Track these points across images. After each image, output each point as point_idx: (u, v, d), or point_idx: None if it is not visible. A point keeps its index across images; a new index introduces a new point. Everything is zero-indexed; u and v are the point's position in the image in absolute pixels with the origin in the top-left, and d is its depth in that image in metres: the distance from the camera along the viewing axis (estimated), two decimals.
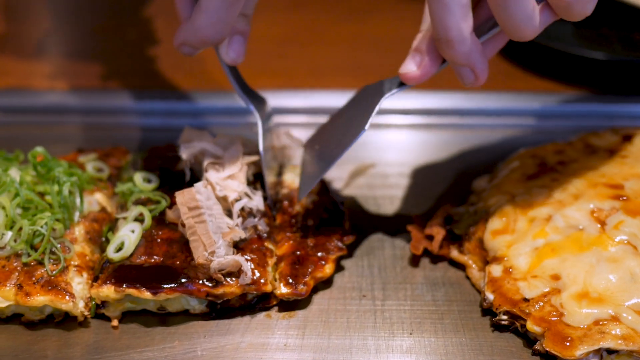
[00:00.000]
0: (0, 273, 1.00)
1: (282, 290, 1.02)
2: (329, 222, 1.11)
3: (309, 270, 1.04)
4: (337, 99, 1.42)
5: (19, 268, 1.01)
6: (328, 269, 1.05)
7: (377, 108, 1.04)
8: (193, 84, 1.50)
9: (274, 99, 1.21)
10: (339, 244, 1.08)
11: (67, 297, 0.98)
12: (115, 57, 1.63)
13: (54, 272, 1.00)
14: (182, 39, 1.05)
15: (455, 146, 1.33)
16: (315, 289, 1.06)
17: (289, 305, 1.04)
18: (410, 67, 1.02)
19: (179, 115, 1.42)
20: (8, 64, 1.60)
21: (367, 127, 1.03)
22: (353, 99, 1.15)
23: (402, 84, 1.03)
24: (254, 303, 1.04)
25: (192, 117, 1.42)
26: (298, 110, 1.42)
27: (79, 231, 1.07)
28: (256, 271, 1.02)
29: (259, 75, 1.17)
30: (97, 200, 1.12)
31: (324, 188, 1.17)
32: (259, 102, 1.15)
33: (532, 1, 0.93)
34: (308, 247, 1.07)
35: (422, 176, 1.27)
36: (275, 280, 1.04)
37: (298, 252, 1.07)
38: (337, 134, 1.11)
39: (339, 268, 1.09)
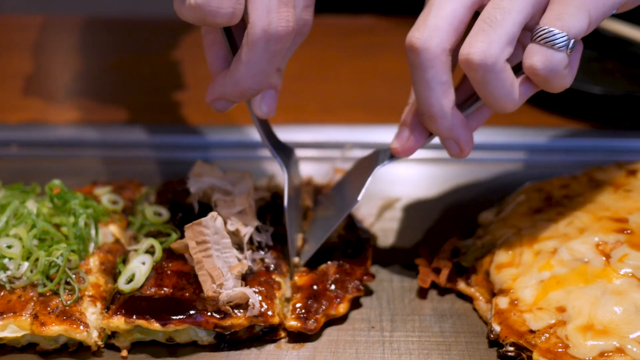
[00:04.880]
0: (17, 303, 1.02)
1: (291, 323, 1.03)
2: (351, 258, 1.13)
3: (322, 307, 1.05)
4: (348, 134, 1.46)
5: (34, 298, 1.03)
6: (342, 308, 1.06)
7: (369, 180, 1.10)
8: (206, 118, 1.52)
9: (286, 134, 1.22)
10: (359, 285, 1.09)
11: (81, 327, 1.00)
12: (130, 92, 1.66)
13: (68, 302, 1.02)
14: (218, 93, 1.01)
15: (462, 180, 1.35)
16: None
17: (298, 336, 1.05)
18: (399, 142, 1.07)
19: (192, 148, 1.44)
20: (25, 100, 1.63)
21: (359, 198, 1.09)
22: (352, 168, 1.22)
23: (393, 156, 1.09)
24: (262, 335, 1.04)
25: (204, 150, 1.44)
26: (309, 145, 1.45)
27: (93, 262, 1.09)
28: (264, 303, 1.03)
29: None
30: (111, 232, 1.14)
31: (352, 224, 1.18)
32: (287, 154, 1.15)
33: (510, 77, 0.96)
34: (327, 282, 1.08)
35: (429, 209, 1.29)
36: (287, 310, 1.06)
37: (316, 287, 1.08)
38: (336, 202, 1.19)
39: None
